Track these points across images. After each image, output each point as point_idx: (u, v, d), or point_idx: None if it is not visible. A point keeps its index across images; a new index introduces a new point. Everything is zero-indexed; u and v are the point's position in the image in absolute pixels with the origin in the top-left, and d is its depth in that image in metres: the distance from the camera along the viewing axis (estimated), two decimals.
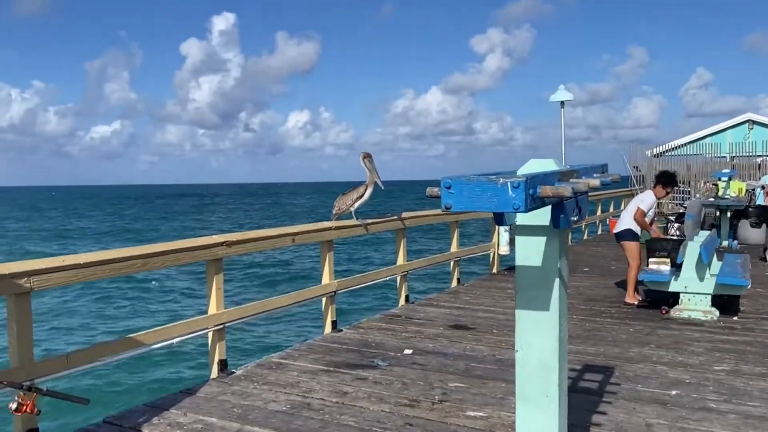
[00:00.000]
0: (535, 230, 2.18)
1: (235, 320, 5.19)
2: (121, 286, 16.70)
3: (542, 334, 2.23)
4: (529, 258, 2.24)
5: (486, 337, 6.19)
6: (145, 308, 15.03)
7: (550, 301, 2.24)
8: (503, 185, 1.68)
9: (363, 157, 6.68)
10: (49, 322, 12.96)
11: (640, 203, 7.72)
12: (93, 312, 14.34)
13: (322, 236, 6.22)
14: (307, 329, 10.06)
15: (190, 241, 4.87)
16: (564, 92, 14.94)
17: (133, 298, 16.25)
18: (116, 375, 8.14)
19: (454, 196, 1.74)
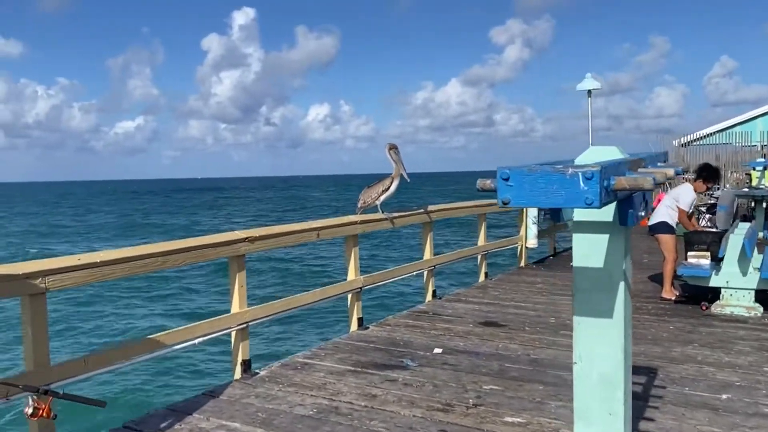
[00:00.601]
0: (597, 227, 1.93)
1: (258, 319, 5.01)
2: (140, 284, 16.49)
3: (605, 343, 1.97)
4: (589, 258, 1.98)
5: (519, 335, 5.93)
6: (165, 307, 14.81)
7: (613, 306, 1.99)
8: (573, 176, 1.43)
9: (389, 149, 6.45)
10: (65, 322, 12.78)
11: (678, 201, 7.37)
12: (111, 312, 14.13)
13: (347, 230, 6.01)
14: (332, 327, 9.87)
15: (212, 237, 4.68)
16: (591, 81, 14.52)
17: (153, 297, 16.07)
18: (136, 376, 7.99)
19: (513, 189, 1.49)
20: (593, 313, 2.01)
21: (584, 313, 2.03)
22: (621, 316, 2.00)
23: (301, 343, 9.08)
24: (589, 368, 1.98)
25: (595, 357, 1.97)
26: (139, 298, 15.54)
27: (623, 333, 1.99)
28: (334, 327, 9.72)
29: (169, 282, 17.22)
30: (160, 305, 14.96)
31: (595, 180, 1.41)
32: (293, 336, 10.14)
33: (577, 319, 2.06)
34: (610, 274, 1.96)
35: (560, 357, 5.20)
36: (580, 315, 2.05)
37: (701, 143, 25.08)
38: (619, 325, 1.98)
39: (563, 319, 6.53)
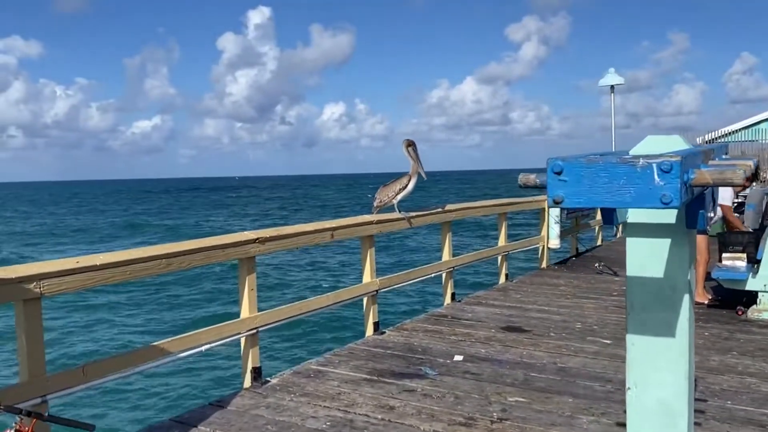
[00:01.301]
0: (657, 230, 1.63)
1: (269, 324, 4.75)
2: (144, 288, 15.76)
3: (666, 368, 1.68)
4: (647, 267, 1.69)
5: (543, 341, 5.62)
6: (171, 313, 14.14)
7: (676, 324, 1.69)
8: (646, 168, 1.14)
9: (406, 146, 6.16)
10: (63, 328, 12.16)
11: (722, 199, 6.99)
12: (112, 318, 13.46)
13: (363, 231, 5.73)
14: (347, 331, 9.57)
15: (220, 238, 4.43)
16: (614, 76, 14.13)
17: (158, 301, 15.29)
18: (139, 385, 7.73)
19: (567, 185, 1.21)
20: (651, 332, 1.71)
21: (640, 332, 1.73)
22: (685, 336, 1.70)
23: (314, 348, 8.80)
24: (647, 396, 1.69)
25: (653, 383, 1.68)
26: (145, 302, 15.01)
27: (688, 356, 1.69)
28: (350, 331, 9.42)
29: (182, 284, 16.71)
30: (169, 310, 14.47)
31: (675, 173, 1.13)
32: (306, 341, 9.79)
33: (631, 338, 1.76)
34: (672, 287, 1.67)
35: (589, 365, 4.89)
36: (635, 334, 1.75)
37: (726, 140, 24.46)
38: (683, 347, 1.69)
39: (590, 324, 6.21)
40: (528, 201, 9.10)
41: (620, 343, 5.49)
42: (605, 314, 6.61)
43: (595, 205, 1.22)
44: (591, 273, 9.11)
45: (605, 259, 9.88)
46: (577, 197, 1.21)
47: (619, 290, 7.87)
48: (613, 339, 5.60)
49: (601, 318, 6.43)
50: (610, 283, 8.36)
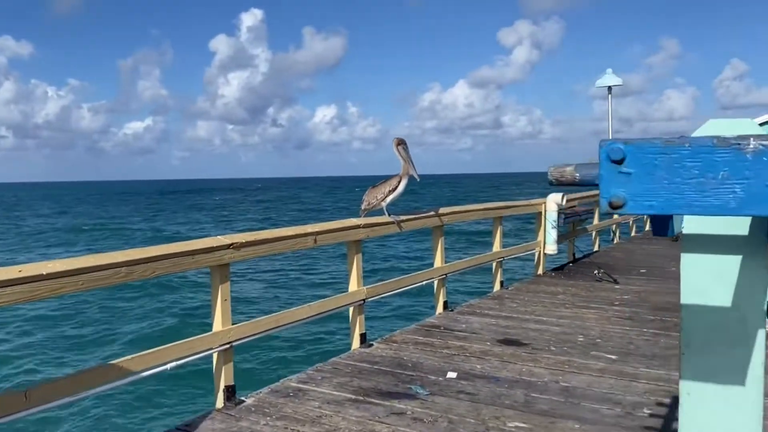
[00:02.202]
0: (724, 244, 1.23)
1: (245, 338, 4.32)
2: (103, 296, 14.26)
3: (730, 421, 1.28)
4: (709, 292, 1.28)
5: (543, 356, 5.21)
6: (135, 325, 12.65)
7: (747, 367, 1.29)
8: (757, 153, 0.74)
9: (396, 144, 5.75)
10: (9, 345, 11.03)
11: None
12: (66, 333, 11.98)
13: (349, 235, 5.31)
14: (331, 343, 9.08)
15: (189, 244, 3.99)
16: (612, 77, 13.77)
17: (119, 313, 13.65)
18: (96, 410, 7.14)
19: (632, 180, 0.79)
20: (713, 378, 1.31)
21: (698, 378, 1.33)
22: (757, 383, 1.30)
23: (295, 362, 8.30)
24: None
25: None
26: (105, 315, 13.48)
27: (760, 408, 1.29)
28: (334, 343, 8.92)
29: (148, 293, 15.14)
30: (130, 323, 12.85)
31: None
32: (287, 354, 9.17)
33: (686, 386, 1.36)
34: (743, 318, 1.27)
35: (595, 385, 4.48)
36: (691, 380, 1.34)
37: None
38: (755, 397, 1.29)
39: (592, 337, 5.81)
40: (524, 204, 8.71)
41: (626, 358, 5.11)
42: (608, 326, 6.22)
43: (678, 212, 0.81)
44: (590, 280, 8.73)
45: (604, 265, 9.51)
46: (648, 199, 0.79)
47: (620, 299, 7.50)
48: (619, 354, 5.21)
49: (604, 330, 6.04)
50: (611, 292, 7.98)
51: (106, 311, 13.67)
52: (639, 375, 4.67)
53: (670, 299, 7.50)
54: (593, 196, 11.94)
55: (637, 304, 7.21)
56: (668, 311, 6.83)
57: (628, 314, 6.71)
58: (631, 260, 10.82)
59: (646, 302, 7.34)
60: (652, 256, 11.42)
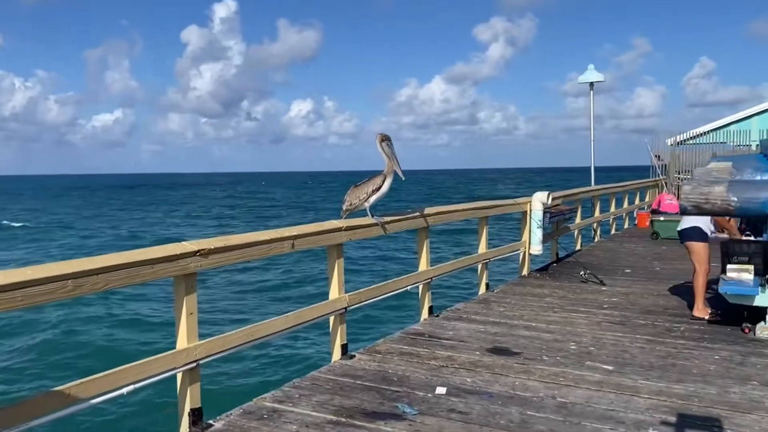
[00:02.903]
0: None
1: (213, 355, 3.89)
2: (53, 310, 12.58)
3: None
4: None
5: (536, 366, 4.88)
6: (88, 344, 11.05)
7: None
8: None
9: (380, 140, 5.36)
10: None
11: None
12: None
13: (329, 239, 4.91)
14: (311, 354, 8.58)
15: (149, 251, 3.55)
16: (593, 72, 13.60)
17: (65, 327, 12.07)
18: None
19: None
20: None
21: None
22: None
23: (271, 378, 7.81)
24: None
25: None
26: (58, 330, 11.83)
27: None
28: (313, 354, 8.42)
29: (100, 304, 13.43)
30: (83, 340, 11.13)
31: None
32: (261, 369, 8.58)
33: None
34: None
35: (594, 400, 4.16)
36: None
37: (696, 142, 24.30)
38: None
39: (585, 344, 5.51)
40: (510, 203, 8.40)
41: (623, 369, 4.80)
42: (599, 332, 5.92)
43: None
44: (575, 281, 8.46)
45: (587, 265, 9.26)
46: None
47: (609, 302, 7.23)
48: (615, 364, 4.90)
49: (596, 337, 5.74)
50: (598, 294, 7.70)
51: (61, 325, 12.29)
52: (639, 388, 4.36)
53: (659, 301, 7.26)
54: (577, 194, 11.70)
55: (626, 307, 6.94)
56: (658, 315, 6.58)
57: (619, 318, 6.43)
58: (615, 259, 10.60)
59: (634, 305, 7.07)
60: (634, 254, 11.23)
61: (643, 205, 17.99)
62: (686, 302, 7.03)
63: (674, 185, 22.71)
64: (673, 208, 15.59)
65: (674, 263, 9.99)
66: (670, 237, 12.94)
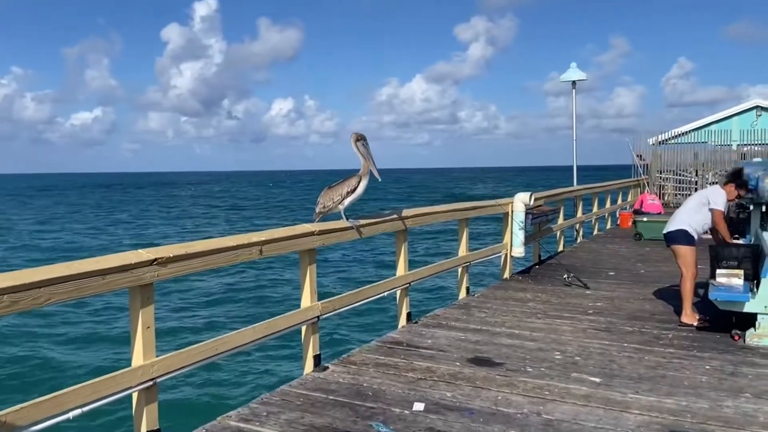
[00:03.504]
0: None
1: (172, 372, 3.59)
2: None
3: None
4: None
5: (520, 379, 4.63)
6: (28, 360, 9.70)
7: None
8: None
9: (355, 140, 5.08)
10: None
11: (710, 203, 6.19)
12: None
13: (301, 244, 4.62)
14: (282, 364, 8.19)
15: (101, 261, 3.24)
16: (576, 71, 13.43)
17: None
18: None
19: None
20: None
21: None
22: None
23: (237, 392, 7.44)
24: None
25: None
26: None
27: None
28: (287, 361, 8.02)
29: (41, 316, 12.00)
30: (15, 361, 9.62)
31: None
32: (227, 383, 8.11)
33: None
34: None
35: (582, 417, 3.92)
36: None
37: (677, 141, 24.35)
38: None
39: (570, 353, 5.28)
40: (491, 205, 8.16)
41: (611, 381, 4.57)
42: (585, 340, 5.70)
43: None
44: (559, 285, 8.26)
45: (570, 267, 9.06)
46: None
47: (593, 307, 7.02)
48: (603, 376, 4.67)
49: (581, 345, 5.51)
50: (582, 298, 7.50)
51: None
52: (629, 403, 4.13)
53: (645, 306, 7.07)
54: (559, 194, 11.52)
55: (612, 313, 6.74)
56: (645, 321, 6.38)
57: (605, 325, 6.22)
58: (598, 261, 10.44)
59: (620, 310, 6.88)
60: (617, 256, 11.08)
61: (625, 205, 17.92)
62: (673, 307, 6.86)
63: (656, 185, 22.77)
64: (656, 208, 15.54)
65: (659, 265, 9.85)
66: (654, 238, 12.84)
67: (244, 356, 8.64)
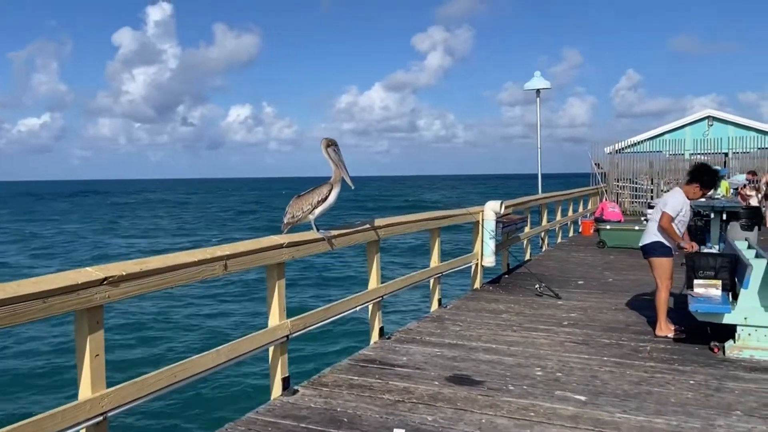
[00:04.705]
0: None
1: (126, 404, 3.19)
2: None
3: None
4: None
5: (502, 399, 4.37)
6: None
7: None
8: None
9: (326, 146, 4.76)
10: None
11: (664, 205, 6.09)
12: None
13: (269, 257, 4.27)
14: (250, 385, 7.70)
15: (41, 281, 2.83)
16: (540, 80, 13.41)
17: None
18: None
19: None
20: None
21: None
22: None
23: (200, 419, 6.97)
24: None
25: None
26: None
27: None
28: (254, 382, 7.53)
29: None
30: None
31: None
32: (188, 408, 7.59)
33: None
34: None
35: None
36: None
37: (633, 150, 24.78)
38: None
39: (551, 369, 5.05)
40: (462, 213, 7.94)
41: (597, 399, 4.35)
42: (563, 353, 5.50)
43: None
44: (530, 294, 8.08)
45: (540, 275, 8.91)
46: None
47: (568, 318, 6.85)
48: (587, 394, 4.46)
49: (561, 360, 5.30)
50: (555, 309, 7.33)
51: None
52: (618, 424, 3.91)
53: (619, 317, 6.93)
54: (527, 203, 11.41)
55: (587, 324, 6.57)
56: (622, 332, 6.23)
57: (582, 337, 6.04)
58: (566, 270, 10.34)
59: (594, 321, 6.72)
60: (584, 264, 11.01)
61: (586, 213, 18.04)
62: (646, 317, 6.74)
63: (613, 192, 23.09)
64: (616, 216, 15.66)
65: (625, 274, 9.82)
66: (617, 246, 12.91)
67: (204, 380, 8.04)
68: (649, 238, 6.20)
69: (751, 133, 23.40)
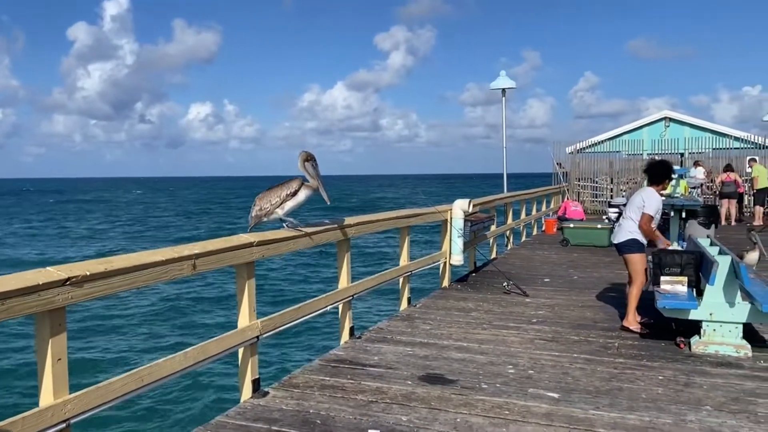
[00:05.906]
0: None
1: (90, 410, 3.03)
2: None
3: None
4: None
5: (476, 397, 4.34)
6: None
7: None
8: None
9: (303, 160, 4.62)
10: None
11: (643, 207, 6.17)
12: None
13: (238, 256, 4.14)
14: (220, 387, 7.47)
15: (3, 281, 2.66)
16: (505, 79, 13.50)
17: None
18: None
19: None
20: None
21: None
22: None
23: (166, 424, 6.75)
24: None
25: None
26: None
27: None
28: (223, 384, 7.31)
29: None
30: None
31: None
32: (155, 412, 7.35)
33: None
34: None
35: None
36: None
37: (593, 150, 25.24)
38: None
39: (523, 366, 5.05)
40: (432, 212, 7.91)
41: (570, 396, 4.36)
42: (534, 351, 5.51)
43: None
44: (498, 292, 8.11)
45: (506, 273, 8.95)
46: None
47: (536, 315, 6.88)
48: (560, 391, 4.46)
49: (532, 357, 5.31)
50: (524, 306, 7.36)
51: None
52: (592, 421, 3.92)
53: (586, 314, 7.00)
54: (492, 201, 11.47)
55: (556, 321, 6.61)
56: (590, 329, 6.28)
57: (551, 335, 6.07)
58: (531, 268, 10.42)
59: (563, 318, 6.77)
60: (549, 262, 11.13)
61: (549, 211, 18.27)
62: (612, 313, 6.84)
63: (575, 191, 23.49)
64: (579, 214, 15.90)
65: (589, 271, 9.95)
66: (580, 243, 13.10)
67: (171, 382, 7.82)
68: (625, 236, 6.27)
69: (706, 134, 24.07)
